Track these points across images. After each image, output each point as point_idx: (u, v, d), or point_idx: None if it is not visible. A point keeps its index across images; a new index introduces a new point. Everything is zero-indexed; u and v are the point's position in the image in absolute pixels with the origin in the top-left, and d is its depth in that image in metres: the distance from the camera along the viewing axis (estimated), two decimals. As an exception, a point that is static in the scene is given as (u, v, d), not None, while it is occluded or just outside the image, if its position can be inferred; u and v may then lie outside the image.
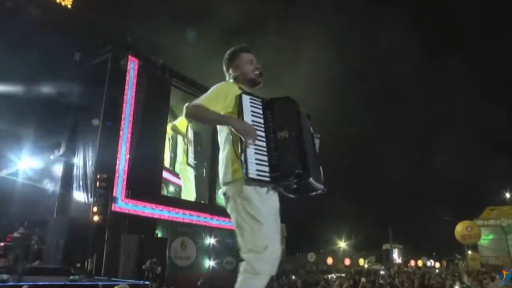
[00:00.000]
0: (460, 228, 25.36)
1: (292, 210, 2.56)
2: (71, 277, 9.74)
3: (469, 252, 28.74)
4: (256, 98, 2.56)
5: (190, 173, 16.18)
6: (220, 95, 2.56)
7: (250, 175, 2.29)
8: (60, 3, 13.58)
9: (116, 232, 12.72)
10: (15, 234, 11.32)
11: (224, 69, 2.87)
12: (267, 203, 2.43)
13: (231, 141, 2.51)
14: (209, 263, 15.60)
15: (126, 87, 13.68)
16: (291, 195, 2.64)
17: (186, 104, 2.54)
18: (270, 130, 2.47)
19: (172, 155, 15.62)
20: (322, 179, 2.72)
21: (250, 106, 2.51)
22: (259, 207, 2.36)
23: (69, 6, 13.79)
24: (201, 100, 2.53)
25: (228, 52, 2.88)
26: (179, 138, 16.12)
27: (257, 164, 2.33)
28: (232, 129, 2.42)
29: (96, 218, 12.18)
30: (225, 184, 2.50)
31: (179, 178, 15.72)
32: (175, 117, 15.94)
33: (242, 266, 2.33)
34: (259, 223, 2.33)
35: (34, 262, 11.74)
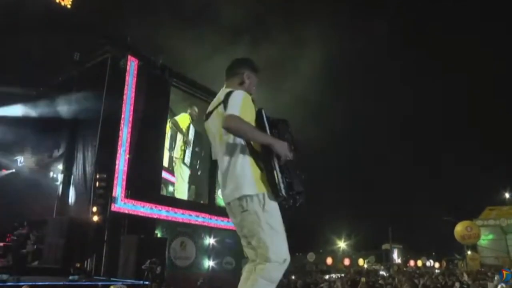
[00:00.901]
0: (459, 228, 25.39)
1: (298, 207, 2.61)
2: (70, 277, 9.75)
3: (469, 252, 28.77)
4: (267, 116, 2.64)
5: (184, 172, 16.13)
6: (248, 107, 2.58)
7: (283, 193, 2.42)
8: (59, 3, 13.59)
9: (116, 232, 12.72)
10: (15, 234, 11.29)
11: (234, 69, 2.84)
12: (280, 217, 2.53)
13: (251, 153, 2.55)
14: (208, 263, 15.60)
15: (126, 87, 13.65)
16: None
17: (226, 116, 2.48)
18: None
19: (171, 154, 15.61)
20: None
21: (266, 124, 2.60)
22: (279, 221, 2.48)
23: (69, 6, 13.80)
24: (237, 112, 2.48)
25: (249, 59, 2.91)
26: (178, 134, 16.06)
27: (282, 182, 2.46)
28: (274, 150, 2.45)
29: (95, 218, 12.18)
30: (241, 196, 2.50)
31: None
32: (174, 116, 15.93)
33: (260, 270, 2.40)
34: (280, 235, 2.46)
35: (33, 262, 11.75)
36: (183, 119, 16.13)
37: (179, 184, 15.73)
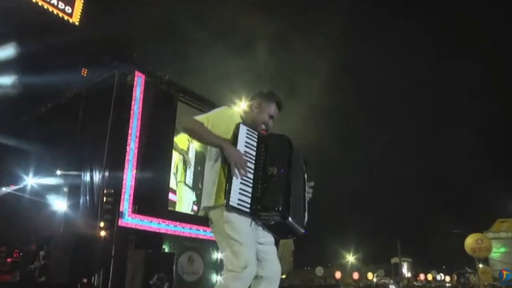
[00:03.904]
0: (470, 241, 24.99)
1: (289, 227, 2.55)
2: (77, 293, 9.70)
3: (480, 265, 28.29)
4: (253, 131, 2.62)
5: (185, 193, 15.91)
6: (221, 118, 2.64)
7: (231, 203, 2.35)
8: (68, 20, 13.80)
9: (123, 247, 12.66)
10: (22, 250, 11.30)
11: (251, 97, 2.93)
12: (248, 226, 2.47)
13: (219, 165, 2.56)
14: (216, 278, 15.44)
15: (133, 102, 13.74)
16: (270, 233, 2.67)
17: (187, 119, 2.61)
18: (260, 163, 2.52)
19: (177, 175, 15.51)
20: (304, 223, 2.75)
21: (245, 136, 2.55)
22: (239, 229, 2.42)
23: (77, 23, 14.00)
24: (201, 118, 2.60)
25: (267, 91, 2.96)
26: (177, 155, 15.80)
27: (240, 193, 2.38)
28: (224, 154, 2.45)
29: (102, 233, 12.15)
30: (207, 208, 2.55)
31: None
32: (178, 133, 15.86)
33: (220, 280, 2.42)
34: (239, 244, 2.40)
35: (40, 278, 11.72)
36: (182, 139, 15.99)
37: (179, 204, 15.56)
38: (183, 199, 15.73)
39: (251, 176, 2.46)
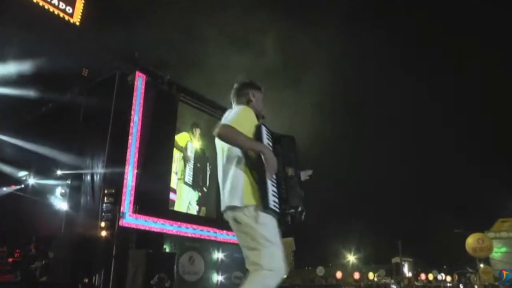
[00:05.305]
0: (471, 241, 24.99)
1: (300, 223, 2.68)
2: (78, 293, 9.71)
3: (481, 265, 28.26)
4: (269, 131, 2.71)
5: (184, 191, 15.90)
6: (245, 119, 2.69)
7: (270, 205, 2.44)
8: (68, 20, 13.78)
9: (124, 247, 12.67)
10: (23, 250, 11.32)
11: (241, 91, 3.01)
12: (277, 227, 2.57)
13: (246, 165, 2.61)
14: (217, 278, 15.46)
15: (134, 102, 13.75)
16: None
17: (218, 124, 2.60)
18: (280, 165, 2.59)
19: (178, 175, 15.50)
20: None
21: (266, 138, 2.64)
22: (273, 231, 2.52)
23: (78, 23, 13.98)
24: (230, 122, 2.62)
25: (248, 79, 3.07)
26: (177, 153, 15.81)
27: (272, 195, 2.48)
28: (263, 158, 2.49)
29: (103, 233, 12.16)
30: (233, 208, 2.57)
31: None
32: (179, 132, 15.90)
33: (254, 277, 2.45)
34: (276, 246, 2.49)
35: (42, 278, 11.73)
36: (182, 137, 16.01)
37: (178, 202, 15.55)
38: (182, 198, 15.72)
39: (275, 178, 2.55)
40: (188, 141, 16.34)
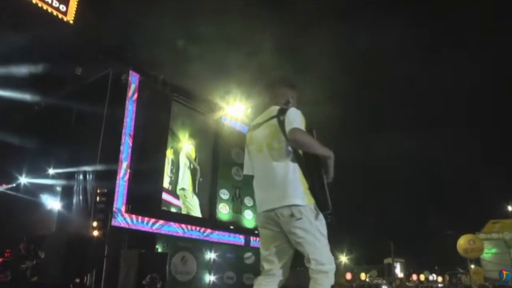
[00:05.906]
0: (462, 242, 25.18)
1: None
2: (70, 293, 9.64)
3: (472, 266, 28.50)
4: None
5: (195, 203, 16.03)
6: (303, 124, 2.75)
7: (330, 208, 2.70)
8: (62, 19, 13.71)
9: (116, 247, 12.61)
10: (14, 250, 11.22)
11: (280, 89, 3.06)
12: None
13: (297, 165, 2.72)
14: (209, 278, 15.45)
15: (127, 102, 13.70)
16: None
17: (291, 129, 2.65)
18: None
19: (172, 178, 15.49)
20: None
21: None
22: (326, 230, 2.76)
23: (71, 22, 13.92)
24: (300, 126, 2.70)
25: (291, 80, 3.18)
26: (185, 163, 15.93)
27: (329, 197, 2.75)
28: (328, 162, 2.66)
29: (95, 233, 12.11)
30: (292, 205, 2.66)
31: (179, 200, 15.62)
32: (173, 134, 15.83)
33: (320, 274, 2.71)
34: (328, 241, 2.76)
35: (33, 278, 11.64)
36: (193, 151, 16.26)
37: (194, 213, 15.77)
38: (194, 207, 15.94)
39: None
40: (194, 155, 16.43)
